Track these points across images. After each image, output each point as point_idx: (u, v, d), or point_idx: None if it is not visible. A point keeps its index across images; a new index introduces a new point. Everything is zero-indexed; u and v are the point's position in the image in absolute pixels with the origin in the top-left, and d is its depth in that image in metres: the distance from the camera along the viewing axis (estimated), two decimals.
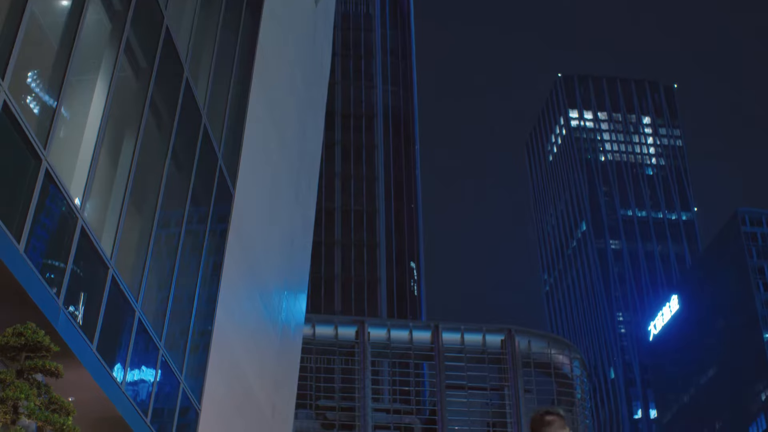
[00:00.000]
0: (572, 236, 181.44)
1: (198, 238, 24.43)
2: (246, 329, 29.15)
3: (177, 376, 22.22)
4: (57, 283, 15.87)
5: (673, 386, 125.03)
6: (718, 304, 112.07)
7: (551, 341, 71.23)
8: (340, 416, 64.26)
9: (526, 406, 65.59)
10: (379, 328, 67.66)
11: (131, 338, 19.40)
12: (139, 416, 19.77)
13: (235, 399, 27.67)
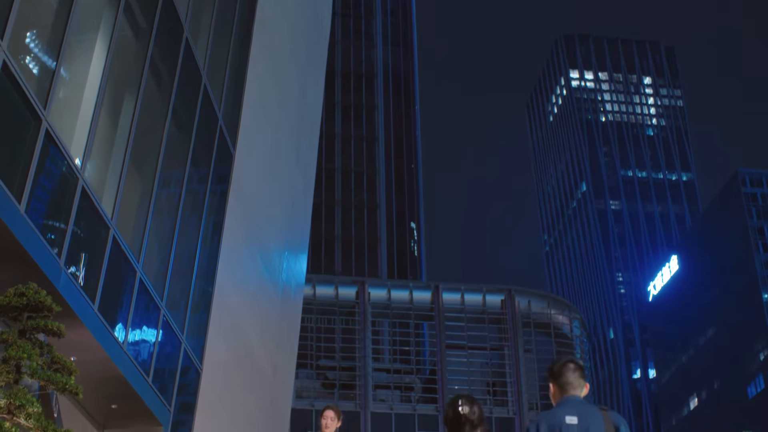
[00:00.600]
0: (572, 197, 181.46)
1: (198, 199, 24.45)
2: (247, 289, 29.23)
3: (178, 336, 22.32)
4: (58, 244, 15.90)
5: (671, 346, 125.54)
6: (718, 264, 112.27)
7: (551, 301, 71.40)
8: (341, 376, 64.57)
9: (525, 365, 65.86)
10: (379, 288, 67.80)
11: (132, 298, 19.47)
12: (141, 376, 19.88)
13: (236, 359, 27.79)
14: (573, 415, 5.61)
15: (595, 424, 5.51)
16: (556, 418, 5.63)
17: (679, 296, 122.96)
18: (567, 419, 5.60)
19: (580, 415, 5.60)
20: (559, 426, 5.58)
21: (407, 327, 68.97)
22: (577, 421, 5.56)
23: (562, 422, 5.59)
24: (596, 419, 5.53)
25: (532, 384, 65.30)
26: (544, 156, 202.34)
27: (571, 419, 5.58)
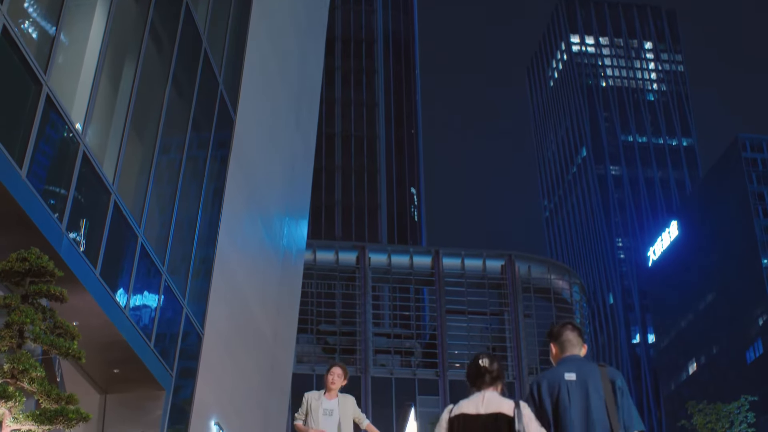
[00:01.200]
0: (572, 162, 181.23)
1: (199, 164, 24.45)
2: (248, 254, 29.29)
3: (180, 300, 22.39)
4: (59, 209, 15.91)
5: (671, 311, 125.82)
6: (718, 229, 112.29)
7: (551, 267, 71.48)
8: (341, 341, 64.78)
9: (525, 330, 66.05)
10: (379, 253, 67.86)
11: (134, 263, 19.52)
12: (143, 340, 19.96)
13: (238, 324, 27.90)
14: (572, 371, 5.90)
15: (592, 379, 5.78)
16: (556, 376, 5.93)
17: (679, 261, 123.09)
18: (566, 375, 5.89)
19: (579, 372, 5.89)
20: (558, 382, 5.86)
21: (407, 292, 69.11)
22: (576, 377, 5.84)
23: (562, 378, 5.88)
24: (594, 374, 5.83)
25: (532, 349, 65.51)
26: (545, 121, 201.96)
27: (570, 375, 5.87)
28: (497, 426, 5.60)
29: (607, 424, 5.65)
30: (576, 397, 5.78)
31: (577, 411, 5.71)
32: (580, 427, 5.64)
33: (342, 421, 9.16)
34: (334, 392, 9.56)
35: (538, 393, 5.99)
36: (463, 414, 5.80)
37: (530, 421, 5.60)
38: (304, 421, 9.31)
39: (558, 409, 5.80)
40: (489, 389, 5.91)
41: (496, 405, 5.75)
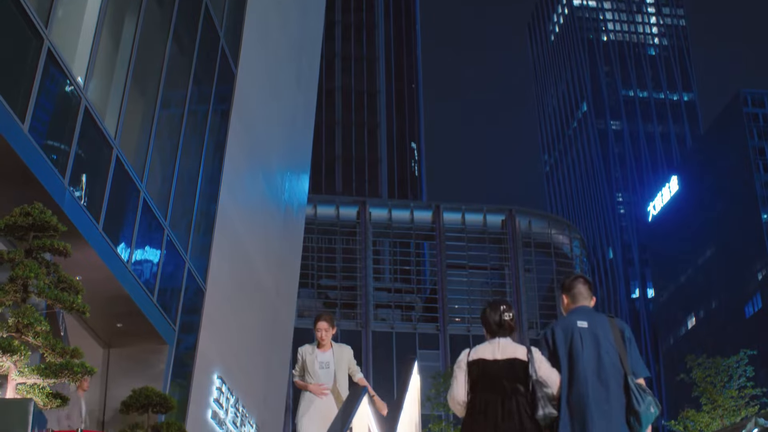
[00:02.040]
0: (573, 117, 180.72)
1: (200, 118, 24.41)
2: (249, 209, 29.31)
3: (182, 255, 22.43)
4: (62, 163, 15.90)
5: (670, 266, 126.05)
6: (718, 185, 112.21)
7: (551, 221, 71.49)
8: (342, 295, 64.96)
9: (525, 285, 66.22)
10: (380, 208, 67.86)
11: (136, 218, 19.54)
12: (146, 295, 20.02)
13: (240, 278, 27.98)
14: (584, 320, 6.31)
15: (603, 328, 6.24)
16: (569, 323, 6.35)
17: (679, 216, 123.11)
18: (578, 323, 6.29)
19: (590, 321, 6.31)
20: (572, 329, 6.27)
21: (408, 246, 69.16)
22: (587, 325, 6.27)
23: (575, 326, 6.28)
24: (604, 324, 6.28)
25: (532, 303, 65.72)
26: (545, 76, 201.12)
27: (582, 323, 6.28)
28: (514, 370, 6.07)
29: (617, 369, 6.06)
30: (588, 343, 6.18)
31: (589, 356, 6.12)
32: (591, 371, 6.05)
33: (337, 372, 8.97)
34: (327, 344, 9.30)
35: (553, 339, 6.34)
36: (482, 359, 6.22)
37: (541, 364, 6.09)
38: (302, 376, 9.14)
39: (572, 354, 6.19)
40: (505, 337, 6.32)
41: (511, 351, 6.19)
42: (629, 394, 5.97)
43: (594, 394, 5.96)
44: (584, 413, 5.91)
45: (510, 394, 6.03)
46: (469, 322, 64.19)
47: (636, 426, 5.90)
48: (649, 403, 5.93)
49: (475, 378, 6.21)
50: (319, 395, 8.70)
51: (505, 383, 6.08)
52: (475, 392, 6.17)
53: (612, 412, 5.92)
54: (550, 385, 6.07)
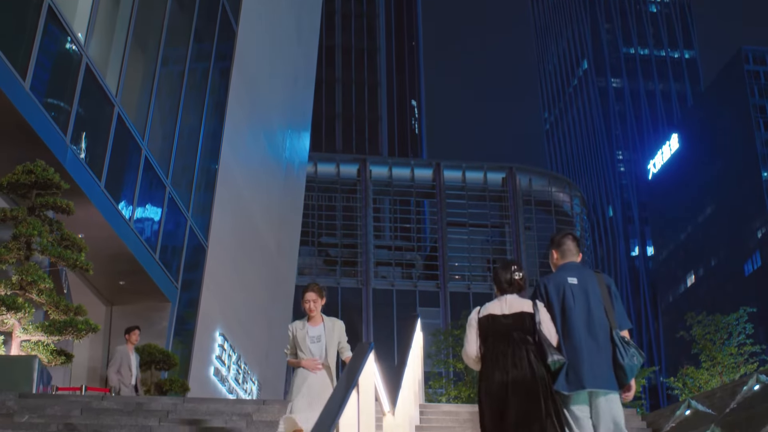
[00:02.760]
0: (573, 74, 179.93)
1: (201, 76, 24.33)
2: (251, 167, 29.29)
3: (184, 213, 22.45)
4: (63, 121, 15.87)
5: (670, 224, 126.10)
6: (718, 142, 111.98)
7: (552, 179, 71.44)
8: (342, 253, 65.05)
9: (526, 243, 66.29)
10: (380, 166, 67.77)
11: (138, 176, 19.53)
12: (148, 252, 20.06)
13: (241, 236, 28.03)
14: (573, 276, 6.75)
15: (591, 284, 6.70)
16: (560, 279, 6.77)
17: (679, 174, 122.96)
18: (569, 279, 6.72)
19: (579, 277, 6.75)
20: (563, 285, 6.70)
21: (408, 204, 69.14)
22: (577, 281, 6.71)
23: (566, 282, 6.71)
24: (592, 279, 6.74)
25: (533, 261, 65.76)
26: (546, 33, 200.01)
27: (572, 279, 6.72)
28: (522, 322, 6.60)
29: (604, 322, 6.53)
30: (579, 298, 6.63)
31: (580, 311, 6.58)
32: (582, 325, 6.52)
33: (328, 347, 8.52)
34: (317, 317, 8.67)
35: (546, 292, 6.79)
36: (491, 314, 6.76)
37: (544, 314, 6.59)
38: (295, 354, 8.64)
39: (564, 309, 6.62)
40: (512, 294, 6.84)
41: (518, 305, 6.70)
42: (615, 348, 6.43)
43: (585, 346, 6.43)
44: (577, 364, 6.40)
45: (519, 344, 6.53)
46: (469, 280, 64.35)
47: (622, 376, 6.39)
48: (632, 354, 6.39)
49: (486, 333, 6.71)
50: (313, 370, 8.39)
51: (514, 335, 6.57)
52: (487, 345, 6.66)
53: (602, 362, 6.40)
54: (551, 339, 6.53)
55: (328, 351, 8.48)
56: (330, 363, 8.47)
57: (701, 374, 33.79)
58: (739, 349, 33.79)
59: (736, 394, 10.00)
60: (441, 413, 12.15)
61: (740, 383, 10.15)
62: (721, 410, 10.02)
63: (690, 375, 34.05)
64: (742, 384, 10.06)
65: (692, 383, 33.77)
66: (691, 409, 10.69)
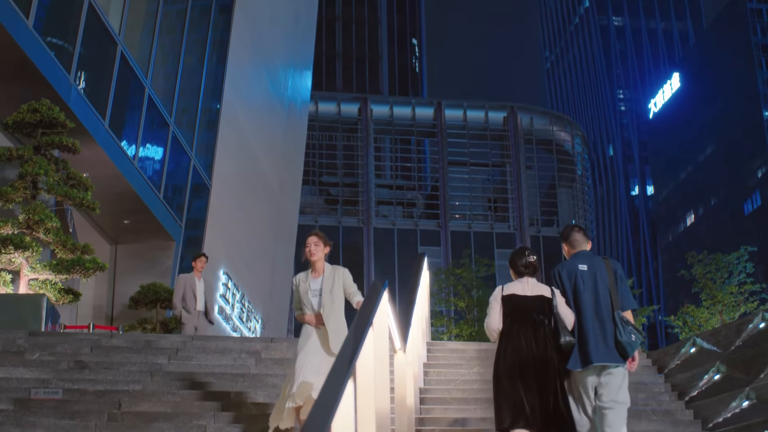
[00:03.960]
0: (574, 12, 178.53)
1: (203, 15, 24.18)
2: (253, 106, 29.21)
3: (187, 152, 22.45)
4: (67, 60, 15.82)
5: (670, 163, 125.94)
6: (720, 81, 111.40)
7: (553, 118, 71.15)
8: (343, 192, 65.01)
9: (527, 182, 66.22)
10: (381, 105, 67.44)
11: (142, 115, 19.51)
12: (152, 191, 20.10)
13: (245, 175, 28.04)
14: (584, 263, 7.52)
15: (599, 270, 7.48)
16: (572, 266, 7.54)
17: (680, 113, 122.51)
18: (580, 266, 7.50)
19: (589, 263, 7.53)
20: (575, 271, 7.47)
21: (409, 144, 68.95)
22: (587, 268, 7.49)
23: (577, 268, 7.49)
24: (600, 265, 7.52)
25: (533, 200, 65.74)
26: None
27: (583, 266, 7.49)
28: (541, 304, 7.32)
29: (609, 303, 7.34)
30: (588, 283, 7.42)
31: (589, 294, 7.38)
32: (591, 309, 7.32)
33: (323, 298, 7.92)
34: (319, 267, 8.04)
35: (559, 278, 7.54)
36: (514, 294, 7.43)
37: (560, 299, 7.36)
38: (300, 308, 8.09)
39: (576, 292, 7.42)
40: (531, 276, 7.56)
41: (538, 289, 7.43)
42: (615, 328, 7.23)
43: (592, 326, 7.26)
44: (586, 342, 7.22)
45: (538, 324, 7.28)
46: (470, 219, 64.39)
47: (623, 351, 7.18)
48: (630, 332, 7.19)
49: (507, 310, 7.39)
50: (316, 326, 7.87)
51: (533, 315, 7.31)
52: (508, 322, 7.35)
53: (607, 340, 7.22)
54: (565, 321, 7.31)
55: (323, 301, 7.93)
56: (327, 316, 7.88)
57: (701, 313, 33.93)
58: (740, 288, 33.90)
59: (742, 332, 10.07)
60: (447, 351, 12.26)
61: (746, 321, 10.22)
62: (726, 348, 10.10)
63: (690, 313, 34.17)
64: (748, 322, 10.13)
65: (692, 322, 33.92)
66: (696, 347, 10.78)
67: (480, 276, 42.15)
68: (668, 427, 9.07)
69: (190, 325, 14.22)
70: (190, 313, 14.23)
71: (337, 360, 4.38)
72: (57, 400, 9.07)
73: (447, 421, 8.94)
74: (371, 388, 4.98)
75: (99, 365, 10.34)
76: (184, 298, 14.30)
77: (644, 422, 9.09)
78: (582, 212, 68.28)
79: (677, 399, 9.98)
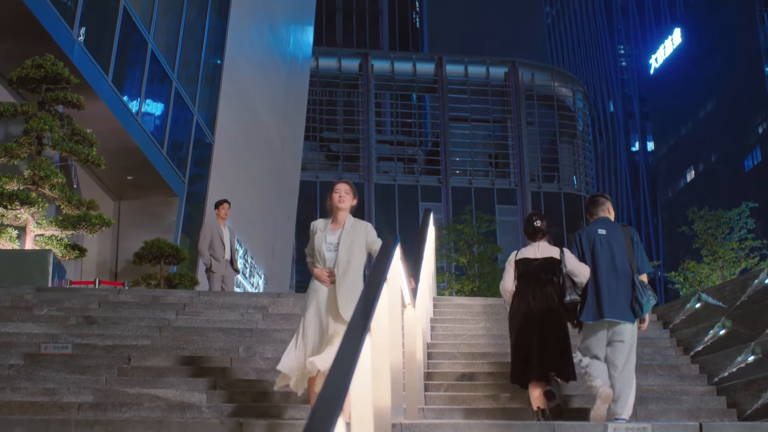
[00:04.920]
0: None
1: None
2: (255, 61, 29.11)
3: (190, 107, 22.41)
4: (69, 15, 15.75)
5: (671, 119, 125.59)
6: (721, 37, 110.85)
7: (554, 74, 70.84)
8: (344, 148, 64.92)
9: (528, 138, 66.08)
10: (382, 60, 67.13)
11: (145, 70, 19.46)
12: (155, 147, 20.09)
13: (247, 130, 28.01)
14: (603, 229, 8.16)
15: (617, 235, 8.12)
16: (591, 231, 8.19)
17: (681, 69, 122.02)
18: (599, 231, 8.13)
19: (608, 229, 8.17)
20: (594, 236, 8.11)
21: (410, 99, 68.74)
22: (606, 233, 8.12)
23: (596, 233, 8.12)
24: (618, 231, 8.16)
25: (534, 156, 65.65)
26: None
27: (602, 231, 8.13)
28: (549, 266, 8.08)
29: (625, 266, 7.93)
30: (605, 247, 8.04)
31: (606, 257, 7.99)
32: (607, 269, 7.93)
33: (340, 255, 7.25)
34: (341, 218, 7.40)
35: (579, 242, 8.18)
36: (526, 258, 8.20)
37: (570, 259, 8.02)
38: (313, 258, 7.46)
39: (594, 254, 8.05)
40: (542, 240, 8.26)
41: (548, 251, 8.19)
42: (635, 289, 7.82)
43: (607, 285, 7.87)
44: (600, 299, 7.84)
45: (545, 283, 8.07)
46: (470, 175, 64.35)
47: (638, 311, 7.79)
48: (649, 296, 7.79)
49: (520, 272, 8.18)
50: (324, 283, 7.23)
51: (542, 275, 8.09)
52: (520, 282, 8.15)
53: (620, 298, 7.81)
54: (579, 275, 7.96)
55: (339, 258, 7.28)
56: (350, 276, 7.23)
57: (702, 268, 34.07)
58: (741, 244, 34.06)
59: (747, 288, 10.11)
60: (453, 306, 12.33)
61: (751, 276, 10.27)
62: (732, 303, 10.15)
63: (691, 269, 34.32)
64: (753, 277, 10.17)
65: (693, 277, 34.07)
66: (701, 303, 10.83)
67: (481, 232, 42.22)
68: (674, 382, 9.16)
69: (219, 274, 13.83)
70: (219, 261, 13.84)
71: (354, 316, 4.40)
72: (67, 354, 9.14)
73: (454, 376, 9.02)
74: (386, 344, 5.02)
75: (107, 320, 10.40)
76: (211, 245, 13.86)
77: (651, 377, 9.19)
78: (583, 168, 68.24)
79: (683, 354, 10.06)
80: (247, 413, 7.26)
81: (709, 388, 8.92)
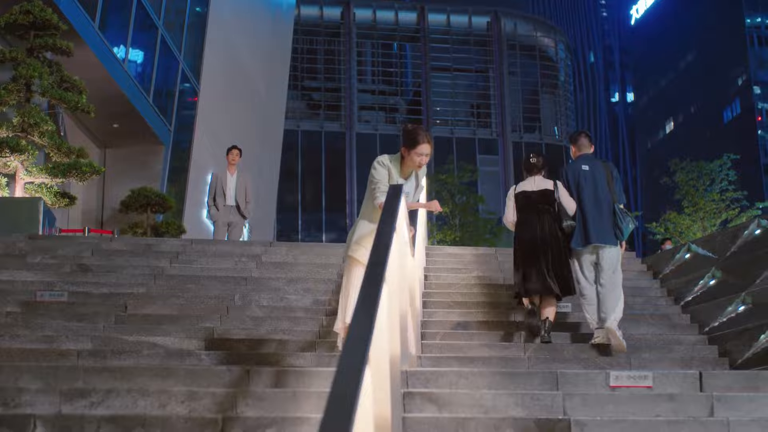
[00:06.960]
0: None
1: None
2: (240, 8, 28.90)
3: (176, 55, 22.28)
4: None
5: (651, 70, 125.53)
6: None
7: (537, 24, 70.59)
8: (326, 97, 64.64)
9: (510, 88, 65.98)
10: (364, 8, 66.60)
11: (131, 17, 19.30)
12: (141, 95, 20.00)
13: (232, 78, 27.87)
14: (586, 165, 9.01)
15: (598, 171, 8.96)
16: (576, 167, 9.03)
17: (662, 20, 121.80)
18: (582, 167, 8.98)
19: (590, 165, 9.02)
20: (578, 171, 8.95)
21: (391, 49, 68.41)
22: (588, 168, 8.96)
23: (580, 169, 8.97)
24: (599, 167, 9.02)
25: (516, 106, 65.58)
26: None
27: (585, 167, 8.98)
28: (545, 196, 8.96)
29: (607, 197, 8.81)
30: (589, 181, 8.89)
31: (589, 190, 8.86)
32: (590, 200, 8.81)
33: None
34: (407, 173, 7.33)
35: (566, 177, 9.02)
36: (524, 191, 9.08)
37: (562, 190, 8.93)
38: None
39: (578, 189, 8.89)
40: (538, 175, 9.12)
41: (543, 184, 9.05)
42: (616, 216, 8.74)
43: (591, 214, 8.75)
44: (586, 226, 8.73)
45: (542, 212, 8.94)
46: (452, 125, 64.29)
47: (620, 235, 8.74)
48: (628, 221, 8.75)
49: (519, 205, 9.08)
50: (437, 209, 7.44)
51: (539, 206, 8.96)
52: (520, 213, 9.06)
53: (603, 224, 8.72)
54: (567, 208, 8.86)
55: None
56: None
57: (683, 219, 34.27)
58: (722, 195, 34.28)
59: (737, 239, 10.21)
60: (446, 255, 12.41)
61: (741, 227, 10.37)
62: (722, 254, 10.24)
63: (672, 220, 34.50)
64: (743, 228, 10.27)
65: (673, 228, 34.26)
66: (690, 253, 10.94)
67: (464, 182, 42.29)
68: (666, 331, 9.28)
69: (220, 222, 13.84)
70: (219, 210, 13.83)
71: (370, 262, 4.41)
72: (63, 302, 9.16)
73: (449, 324, 9.11)
74: (397, 292, 5.07)
75: (101, 268, 10.41)
76: (215, 199, 13.82)
77: (643, 326, 9.31)
78: (564, 119, 68.28)
79: (673, 303, 10.16)
80: (245, 361, 7.31)
81: (701, 337, 9.04)
